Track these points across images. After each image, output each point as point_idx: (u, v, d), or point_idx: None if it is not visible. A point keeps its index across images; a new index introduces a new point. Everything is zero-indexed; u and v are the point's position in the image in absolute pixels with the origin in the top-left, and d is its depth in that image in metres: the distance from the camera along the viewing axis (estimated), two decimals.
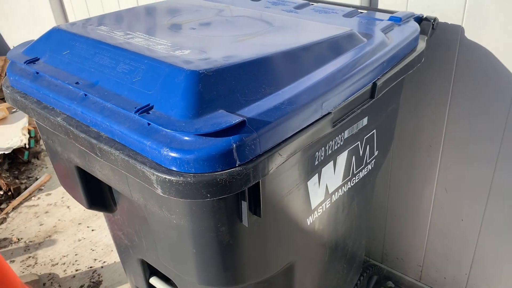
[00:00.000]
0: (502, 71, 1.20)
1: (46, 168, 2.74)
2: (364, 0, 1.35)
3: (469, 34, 1.21)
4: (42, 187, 2.57)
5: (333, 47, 0.93)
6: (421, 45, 1.13)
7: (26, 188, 2.55)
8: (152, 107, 0.74)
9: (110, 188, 1.09)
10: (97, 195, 1.10)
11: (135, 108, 0.74)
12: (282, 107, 0.76)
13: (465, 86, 1.28)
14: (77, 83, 0.86)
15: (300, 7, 1.28)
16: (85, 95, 0.84)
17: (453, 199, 1.47)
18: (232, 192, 0.70)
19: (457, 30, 1.23)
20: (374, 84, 0.94)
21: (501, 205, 1.37)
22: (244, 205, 0.78)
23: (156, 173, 0.69)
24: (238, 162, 0.69)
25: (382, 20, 1.16)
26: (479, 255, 1.50)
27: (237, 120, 0.69)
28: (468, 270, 1.56)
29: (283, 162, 0.77)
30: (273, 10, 1.25)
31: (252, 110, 0.74)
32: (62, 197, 2.47)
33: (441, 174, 1.46)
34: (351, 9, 1.25)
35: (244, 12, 1.19)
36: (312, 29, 1.04)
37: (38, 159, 2.81)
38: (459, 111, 1.32)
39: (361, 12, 1.25)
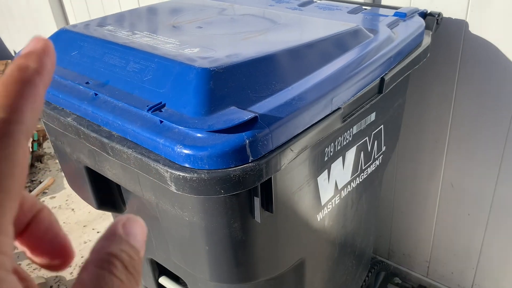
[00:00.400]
0: (507, 66, 1.20)
1: (50, 171, 2.74)
2: None
3: (473, 29, 1.22)
4: (46, 190, 2.57)
5: (341, 42, 0.94)
6: (426, 40, 1.14)
7: (30, 191, 2.55)
8: (164, 105, 0.74)
9: (119, 188, 1.09)
10: (106, 195, 1.10)
11: (147, 106, 0.74)
12: (292, 102, 0.76)
13: (470, 80, 1.28)
14: (87, 83, 0.86)
15: (304, 4, 1.28)
16: (96, 94, 0.84)
17: (460, 194, 1.47)
18: (246, 188, 0.70)
19: (461, 25, 1.23)
20: (382, 79, 0.94)
21: (508, 199, 1.37)
22: (257, 201, 0.78)
23: (170, 170, 0.69)
24: (251, 158, 0.69)
25: (387, 16, 1.16)
26: (486, 249, 1.50)
27: (249, 116, 0.69)
28: (475, 265, 1.57)
29: (294, 158, 0.77)
30: (277, 8, 1.25)
31: (263, 106, 0.74)
32: (67, 200, 2.47)
33: (447, 169, 1.46)
34: (355, 5, 1.25)
35: (248, 11, 1.19)
36: (319, 26, 1.04)
37: (41, 162, 2.81)
38: (464, 106, 1.33)
39: (365, 9, 1.25)
